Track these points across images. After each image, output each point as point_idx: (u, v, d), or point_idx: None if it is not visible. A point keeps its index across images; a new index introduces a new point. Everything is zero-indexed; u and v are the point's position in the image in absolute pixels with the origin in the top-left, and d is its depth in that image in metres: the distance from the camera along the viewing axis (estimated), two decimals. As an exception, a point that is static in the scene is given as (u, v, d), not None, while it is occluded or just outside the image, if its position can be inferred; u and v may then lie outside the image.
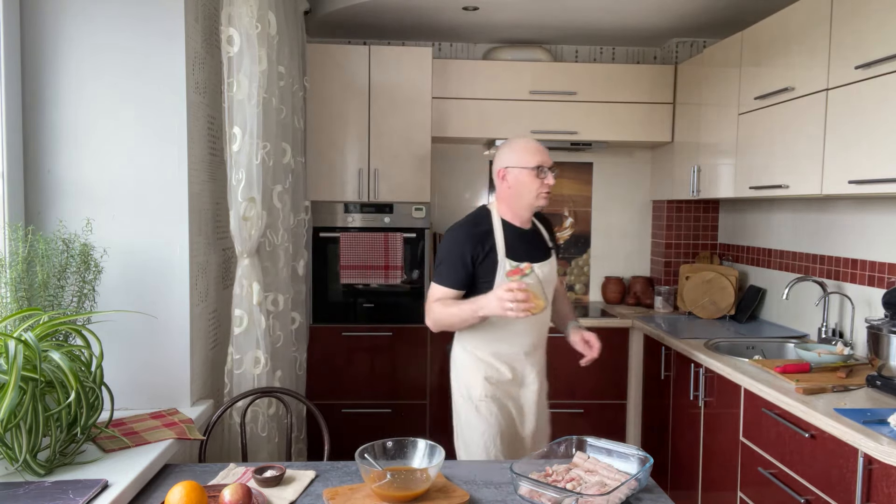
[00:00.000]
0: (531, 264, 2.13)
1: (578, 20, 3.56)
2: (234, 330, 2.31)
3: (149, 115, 2.02)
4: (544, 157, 2.18)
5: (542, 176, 2.17)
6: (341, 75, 3.50)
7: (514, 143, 2.21)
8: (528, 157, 2.16)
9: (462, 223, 2.24)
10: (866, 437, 1.78)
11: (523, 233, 2.25)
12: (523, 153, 2.17)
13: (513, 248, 2.19)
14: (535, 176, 2.16)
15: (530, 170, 2.15)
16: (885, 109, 2.12)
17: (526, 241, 2.23)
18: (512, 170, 2.18)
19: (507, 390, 2.28)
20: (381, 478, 1.48)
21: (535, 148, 2.19)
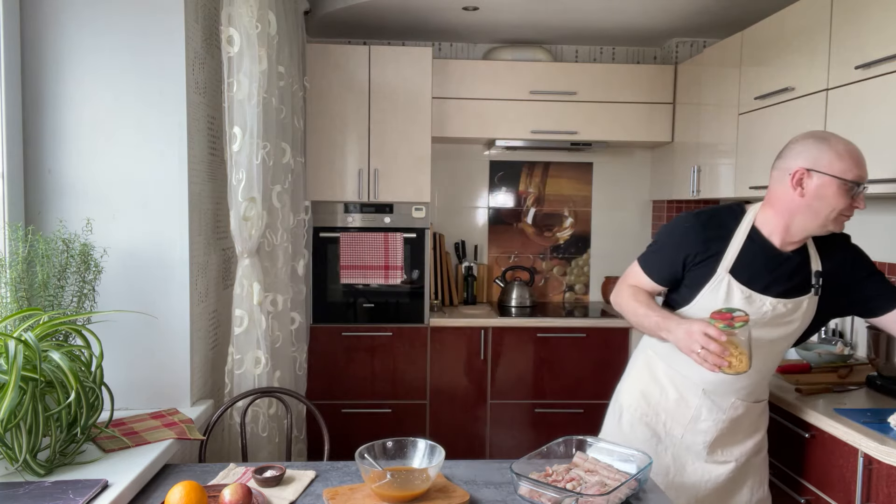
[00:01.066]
0: (748, 317, 1.62)
1: (578, 20, 3.56)
2: (235, 330, 2.31)
3: (149, 115, 2.02)
4: (864, 171, 1.67)
5: (854, 194, 1.66)
6: (341, 75, 3.50)
7: (833, 143, 1.67)
8: (849, 167, 1.65)
9: (704, 211, 1.83)
10: (866, 437, 1.78)
11: (777, 255, 1.76)
12: (844, 160, 1.65)
13: (747, 268, 1.74)
14: (846, 192, 1.65)
15: (844, 182, 1.64)
16: (885, 109, 2.11)
17: (775, 267, 1.75)
18: (818, 175, 1.66)
19: (665, 420, 1.88)
20: (381, 478, 1.48)
21: (859, 158, 1.67)
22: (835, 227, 1.72)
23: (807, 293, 1.77)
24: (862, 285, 1.80)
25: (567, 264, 4.19)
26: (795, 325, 1.79)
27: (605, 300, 4.10)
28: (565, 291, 4.19)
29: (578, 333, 3.56)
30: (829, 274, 1.80)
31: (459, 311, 3.71)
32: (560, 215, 4.17)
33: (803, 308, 1.78)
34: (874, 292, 1.80)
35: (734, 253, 1.75)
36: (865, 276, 1.81)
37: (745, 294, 1.75)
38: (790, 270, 1.76)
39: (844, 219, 1.70)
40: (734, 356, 1.60)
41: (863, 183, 1.67)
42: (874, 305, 1.81)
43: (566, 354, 3.58)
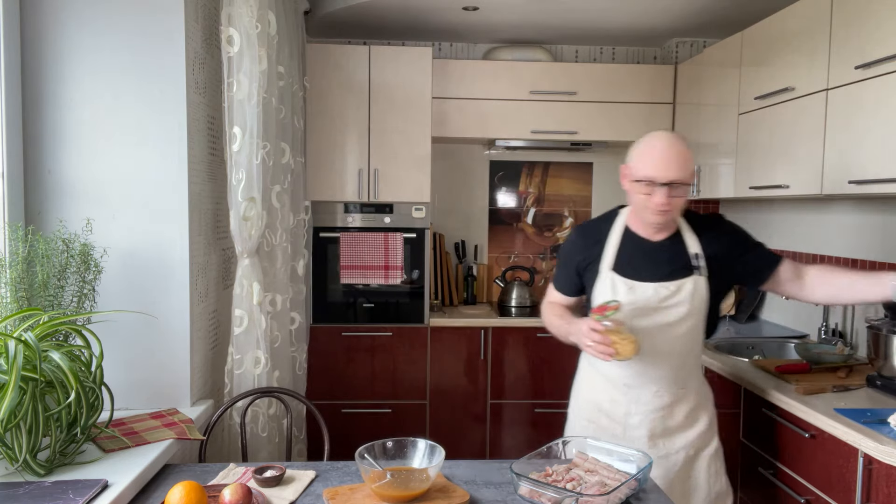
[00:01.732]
0: (619, 303, 1.75)
1: (578, 20, 3.56)
2: (235, 330, 2.31)
3: (149, 115, 2.02)
4: (660, 171, 1.76)
5: (646, 192, 1.79)
6: (341, 75, 3.50)
7: (644, 142, 1.83)
8: (643, 165, 1.79)
9: (583, 222, 2.05)
10: (866, 437, 1.78)
11: (650, 245, 1.90)
12: (642, 159, 1.80)
13: (627, 262, 1.88)
14: (644, 188, 1.79)
15: (636, 181, 1.81)
16: (885, 109, 2.11)
17: (650, 256, 1.89)
18: (627, 171, 1.86)
19: (606, 422, 1.97)
20: (381, 478, 1.48)
21: (657, 159, 1.77)
22: (653, 218, 1.83)
23: (690, 275, 1.87)
24: (744, 259, 1.92)
25: (567, 264, 4.18)
26: (685, 306, 1.87)
27: (605, 300, 4.09)
28: (565, 291, 4.19)
29: (578, 333, 3.55)
30: (713, 255, 1.90)
31: (459, 311, 3.71)
32: (560, 215, 4.17)
33: (688, 289, 1.86)
34: (756, 263, 1.93)
35: (612, 251, 1.91)
36: (744, 251, 1.93)
37: (629, 285, 1.88)
38: (668, 257, 1.88)
39: (658, 211, 1.79)
40: (617, 343, 1.69)
41: (655, 181, 1.76)
42: (760, 274, 1.94)
43: (566, 354, 3.56)
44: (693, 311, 1.88)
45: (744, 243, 1.96)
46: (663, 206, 1.77)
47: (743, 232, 1.99)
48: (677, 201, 1.79)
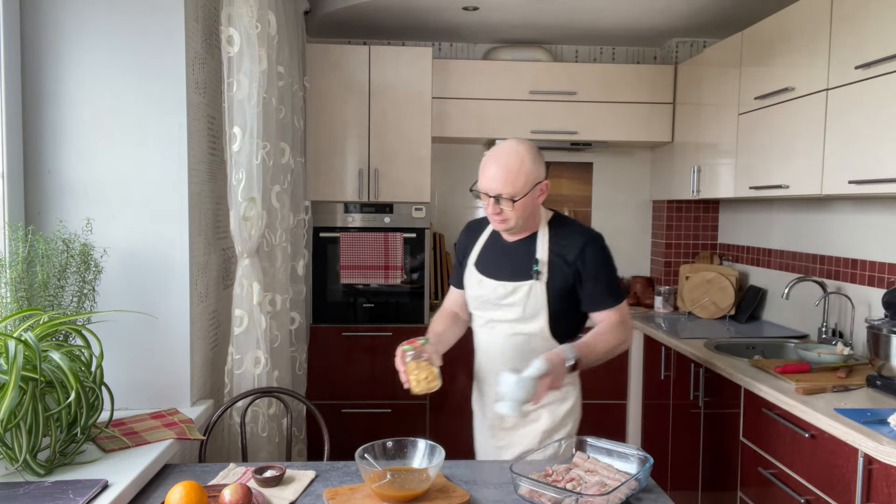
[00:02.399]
0: (428, 340, 1.82)
1: (578, 20, 3.56)
2: (235, 330, 2.31)
3: (149, 115, 2.02)
4: (489, 182, 1.82)
5: (485, 201, 1.87)
6: (341, 75, 3.50)
7: (488, 152, 1.90)
8: (480, 176, 1.87)
9: (476, 218, 2.15)
10: (866, 437, 1.78)
11: (505, 245, 1.98)
12: (482, 170, 1.87)
13: (487, 260, 1.99)
14: (483, 197, 1.87)
15: (478, 188, 1.87)
16: (885, 109, 2.12)
17: (503, 256, 1.97)
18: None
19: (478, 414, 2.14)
20: (381, 478, 1.48)
21: (491, 172, 1.82)
22: (495, 224, 1.91)
23: (528, 279, 1.91)
24: (585, 284, 1.93)
25: (567, 264, 4.18)
26: (520, 307, 1.91)
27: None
28: (565, 291, 4.19)
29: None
30: (560, 265, 1.91)
31: (459, 311, 3.70)
32: (560, 215, 4.16)
33: (523, 292, 1.91)
34: (585, 295, 1.94)
35: (479, 248, 2.03)
36: (584, 280, 1.92)
37: (478, 279, 1.99)
38: (515, 258, 1.95)
39: (491, 219, 1.89)
40: (411, 376, 1.73)
41: (490, 194, 1.82)
42: (587, 304, 1.95)
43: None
44: (530, 313, 1.91)
45: (587, 273, 1.92)
46: (493, 216, 1.87)
47: (596, 263, 1.93)
48: (509, 213, 1.84)
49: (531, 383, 1.64)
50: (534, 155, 1.85)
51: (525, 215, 1.88)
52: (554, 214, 2.00)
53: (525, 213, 1.87)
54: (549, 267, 1.91)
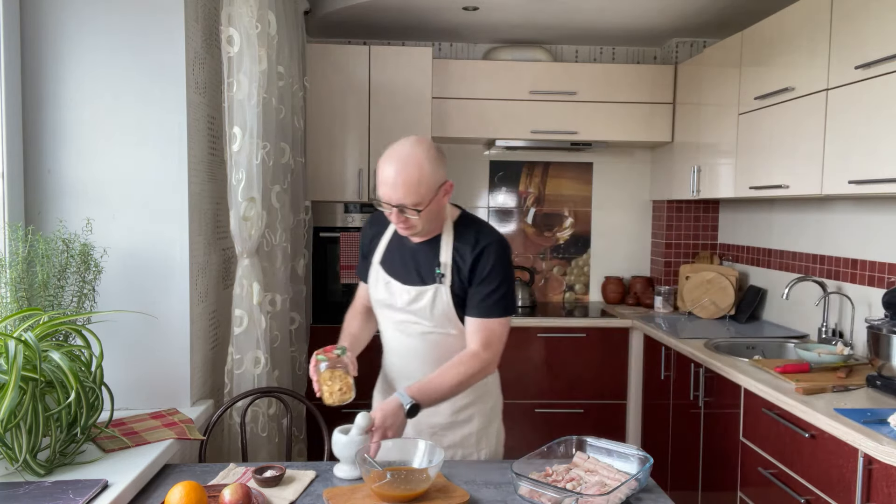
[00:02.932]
0: (344, 349, 1.81)
1: (578, 20, 3.56)
2: (235, 330, 2.31)
3: (149, 115, 2.02)
4: (389, 192, 1.70)
5: (387, 209, 1.75)
6: (341, 75, 3.50)
7: (382, 157, 1.75)
8: (377, 183, 1.74)
9: (373, 214, 2.01)
10: (866, 437, 1.78)
11: (409, 246, 1.87)
12: (377, 175, 1.75)
13: (391, 260, 1.90)
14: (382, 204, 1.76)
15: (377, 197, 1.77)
16: (885, 109, 2.12)
17: (408, 257, 1.87)
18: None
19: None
20: (381, 478, 1.48)
21: (384, 180, 1.71)
22: (400, 231, 1.82)
23: (433, 283, 1.82)
24: (471, 287, 1.82)
25: (567, 264, 4.19)
26: (427, 311, 1.83)
27: (605, 300, 4.10)
28: (565, 291, 4.19)
29: (578, 333, 3.56)
30: (458, 269, 1.82)
31: (459, 311, 3.70)
32: (560, 215, 4.17)
33: (429, 296, 1.82)
34: (470, 296, 1.82)
35: (383, 246, 1.93)
36: (475, 280, 1.80)
37: (386, 280, 1.89)
38: (420, 261, 1.86)
39: (399, 226, 1.78)
40: (324, 387, 1.76)
41: (391, 204, 1.71)
42: (467, 308, 1.83)
43: (566, 354, 3.58)
44: (438, 317, 1.83)
45: (475, 277, 1.81)
46: (399, 225, 1.77)
47: (485, 268, 1.80)
48: (413, 220, 1.74)
49: (361, 441, 1.62)
50: (432, 157, 1.72)
51: (431, 219, 1.78)
52: (460, 214, 1.90)
53: (430, 217, 1.77)
54: (452, 270, 1.81)
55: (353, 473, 1.66)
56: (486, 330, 1.79)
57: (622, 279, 4.09)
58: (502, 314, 1.81)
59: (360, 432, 1.62)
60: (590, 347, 3.57)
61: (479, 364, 1.77)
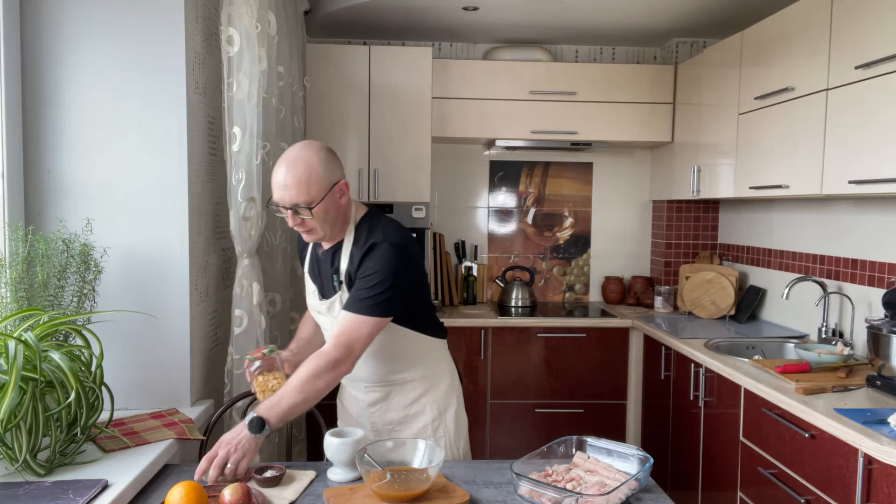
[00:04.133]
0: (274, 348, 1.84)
1: (578, 20, 3.56)
2: (234, 330, 2.31)
3: (149, 115, 2.02)
4: (281, 192, 1.70)
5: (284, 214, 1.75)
6: (341, 75, 3.50)
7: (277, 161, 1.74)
8: (272, 185, 1.73)
9: None
10: (866, 437, 1.78)
11: (321, 254, 1.89)
12: (271, 179, 1.74)
13: (313, 267, 1.91)
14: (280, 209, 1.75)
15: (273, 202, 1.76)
16: (885, 109, 2.12)
17: (320, 265, 1.89)
18: None
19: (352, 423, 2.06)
20: (381, 478, 1.48)
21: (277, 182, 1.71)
22: (304, 237, 1.81)
23: (336, 292, 1.82)
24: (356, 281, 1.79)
25: (567, 264, 4.19)
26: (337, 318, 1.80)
27: (605, 300, 4.10)
28: (565, 291, 4.19)
29: (578, 333, 3.56)
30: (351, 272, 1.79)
31: (459, 311, 3.71)
32: (560, 215, 4.17)
33: (337, 307, 1.81)
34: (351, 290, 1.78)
35: (308, 254, 1.94)
36: (358, 275, 1.77)
37: (311, 289, 1.92)
38: (325, 269, 1.86)
39: (299, 230, 1.77)
40: (256, 388, 1.79)
41: (284, 205, 1.71)
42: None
43: (566, 354, 3.58)
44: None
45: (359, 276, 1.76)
46: (297, 228, 1.76)
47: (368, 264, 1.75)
48: (311, 222, 1.73)
49: (354, 444, 1.63)
50: (323, 156, 1.73)
51: (330, 221, 1.76)
52: (364, 214, 1.86)
53: (329, 219, 1.76)
54: (347, 275, 1.80)
55: (346, 476, 1.66)
56: (346, 325, 1.71)
57: (622, 279, 4.09)
58: (369, 313, 1.71)
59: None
60: (590, 347, 3.57)
61: (323, 362, 1.66)
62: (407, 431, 1.96)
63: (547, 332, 3.55)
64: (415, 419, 1.97)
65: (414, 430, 1.96)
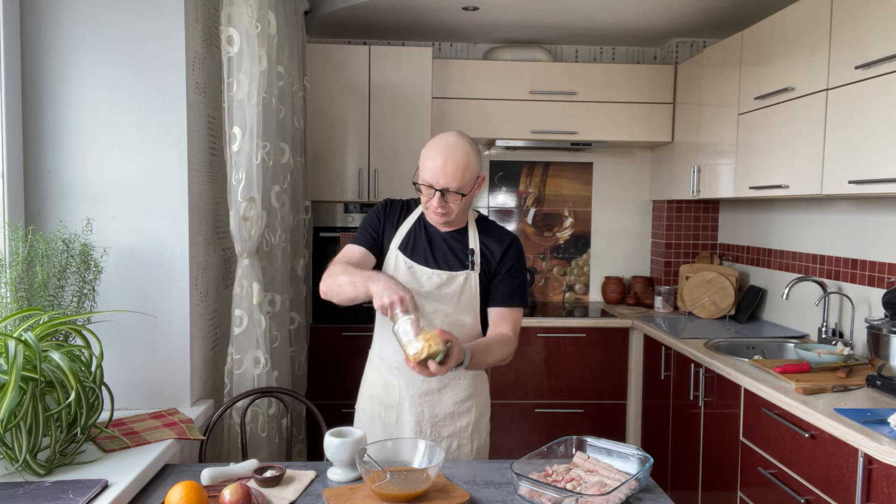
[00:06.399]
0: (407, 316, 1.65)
1: (578, 20, 3.56)
2: (234, 330, 2.31)
3: (149, 115, 2.02)
4: (438, 175, 1.78)
5: (427, 194, 1.83)
6: (341, 75, 3.50)
7: (427, 148, 1.84)
8: (423, 168, 1.82)
9: (393, 199, 2.04)
10: (866, 437, 1.78)
11: (436, 234, 1.94)
12: (424, 164, 1.82)
13: (412, 245, 1.93)
14: (424, 191, 1.83)
15: (420, 182, 1.83)
16: (885, 109, 2.12)
17: (434, 244, 1.93)
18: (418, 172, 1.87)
19: (384, 411, 1.98)
20: (381, 478, 1.48)
21: (435, 164, 1.78)
22: (432, 217, 1.88)
23: (464, 269, 1.92)
24: (501, 278, 1.94)
25: (567, 264, 4.19)
26: (455, 297, 1.91)
27: (605, 300, 4.10)
28: (565, 291, 4.19)
29: (578, 333, 3.56)
30: (487, 258, 1.94)
31: (459, 311, 3.70)
32: (560, 215, 4.17)
33: (459, 282, 1.91)
34: (502, 288, 1.93)
35: (403, 233, 1.95)
36: (506, 272, 1.93)
37: (409, 265, 1.92)
38: (448, 248, 1.93)
39: (434, 212, 1.84)
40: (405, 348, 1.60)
41: (436, 187, 1.79)
42: (497, 299, 1.94)
43: (566, 354, 3.58)
44: (464, 303, 1.92)
45: (506, 268, 1.93)
46: (437, 210, 1.83)
47: (516, 261, 1.95)
48: (453, 206, 1.83)
49: (354, 444, 1.62)
50: (475, 148, 1.85)
51: (465, 208, 1.90)
52: (479, 214, 2.03)
53: (465, 206, 1.89)
54: (480, 259, 1.93)
55: (346, 476, 1.65)
56: (514, 318, 1.93)
57: (622, 279, 4.09)
58: (523, 305, 1.97)
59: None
60: (590, 347, 3.57)
61: (512, 348, 1.90)
62: (449, 428, 1.96)
63: (547, 332, 3.55)
64: (460, 417, 1.97)
65: (456, 428, 1.97)
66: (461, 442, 1.98)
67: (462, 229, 1.96)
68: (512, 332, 1.91)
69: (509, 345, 1.88)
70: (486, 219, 2.02)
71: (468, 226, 1.97)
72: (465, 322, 1.93)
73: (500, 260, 1.93)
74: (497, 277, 1.93)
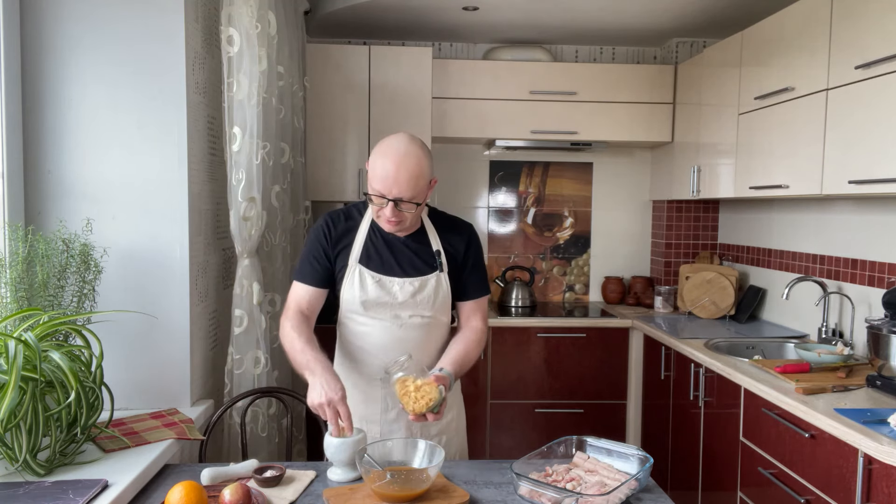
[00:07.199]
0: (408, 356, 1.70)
1: (578, 20, 3.56)
2: (235, 330, 2.31)
3: (149, 115, 2.02)
4: (390, 185, 1.70)
5: (378, 204, 1.74)
6: (341, 75, 3.50)
7: (378, 151, 1.75)
8: (373, 177, 1.73)
9: (335, 210, 1.93)
10: (866, 437, 1.78)
11: (394, 241, 1.87)
12: (373, 169, 1.73)
13: (374, 256, 1.85)
14: (374, 199, 1.74)
15: (371, 192, 1.75)
16: (885, 109, 2.12)
17: (396, 251, 1.86)
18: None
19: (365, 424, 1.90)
20: (381, 478, 1.48)
21: (387, 174, 1.70)
22: (385, 226, 1.81)
23: (433, 272, 1.88)
24: (466, 272, 1.93)
25: (567, 264, 4.19)
26: (430, 301, 1.87)
27: (605, 300, 4.10)
28: (565, 291, 4.19)
29: (578, 333, 3.56)
30: (452, 255, 1.92)
31: (459, 311, 3.70)
32: (560, 215, 4.17)
33: (432, 284, 1.87)
34: (469, 281, 1.94)
35: (360, 244, 1.87)
36: (470, 265, 1.94)
37: (376, 278, 1.86)
38: (412, 253, 1.88)
39: (388, 222, 1.77)
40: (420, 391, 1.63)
41: (389, 197, 1.71)
42: (465, 292, 1.94)
43: (566, 354, 3.58)
44: (439, 304, 1.89)
45: (470, 262, 1.94)
46: (391, 219, 1.76)
47: (478, 252, 1.96)
48: (407, 215, 1.77)
49: (353, 444, 1.62)
50: (427, 152, 1.77)
51: (420, 213, 1.86)
52: (429, 208, 1.96)
53: (420, 212, 1.84)
54: (447, 257, 1.91)
55: (346, 476, 1.65)
56: (483, 307, 1.98)
57: (622, 279, 4.09)
58: (489, 292, 2.02)
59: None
60: (590, 347, 3.57)
61: (484, 340, 1.94)
62: (437, 426, 1.91)
63: (547, 332, 3.55)
64: (447, 411, 1.92)
65: (443, 422, 1.92)
66: (449, 437, 1.97)
67: (420, 230, 1.90)
68: (483, 322, 1.96)
69: (483, 339, 1.93)
70: (437, 212, 1.96)
71: (424, 226, 1.91)
72: (441, 321, 1.92)
73: (464, 255, 1.92)
74: (465, 272, 1.93)
